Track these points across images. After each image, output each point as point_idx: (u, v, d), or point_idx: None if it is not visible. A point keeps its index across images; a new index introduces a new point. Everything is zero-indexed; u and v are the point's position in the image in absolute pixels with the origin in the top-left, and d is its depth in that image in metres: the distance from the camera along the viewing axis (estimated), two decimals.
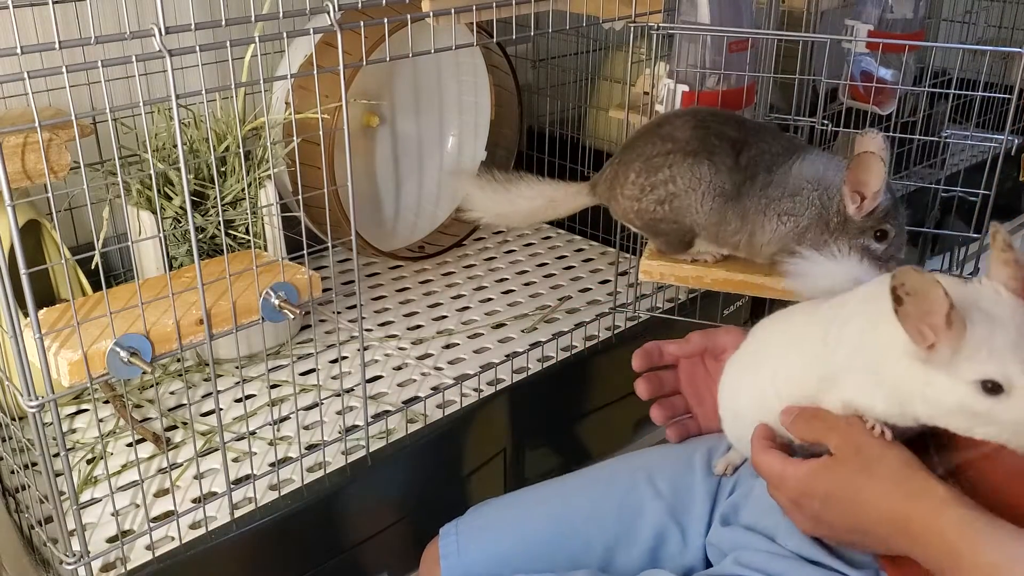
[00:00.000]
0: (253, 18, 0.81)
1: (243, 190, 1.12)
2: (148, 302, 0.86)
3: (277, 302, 0.90)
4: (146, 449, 1.03)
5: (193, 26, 0.75)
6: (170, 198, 1.10)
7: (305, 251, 0.90)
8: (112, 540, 0.90)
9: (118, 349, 0.81)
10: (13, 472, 0.98)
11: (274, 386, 1.15)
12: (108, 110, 0.74)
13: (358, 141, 1.49)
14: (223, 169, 1.13)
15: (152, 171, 0.85)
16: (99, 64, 0.71)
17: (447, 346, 1.26)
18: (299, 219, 1.17)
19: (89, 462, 1.01)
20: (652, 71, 1.20)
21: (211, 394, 1.05)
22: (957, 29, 1.89)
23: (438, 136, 1.59)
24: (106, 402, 1.10)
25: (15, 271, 0.72)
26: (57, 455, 0.86)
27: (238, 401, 1.11)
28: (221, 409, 1.01)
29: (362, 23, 0.90)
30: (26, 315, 0.76)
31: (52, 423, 0.79)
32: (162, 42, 0.74)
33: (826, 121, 1.20)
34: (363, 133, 1.49)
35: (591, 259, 1.52)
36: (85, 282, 1.12)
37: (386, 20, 0.91)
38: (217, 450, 0.97)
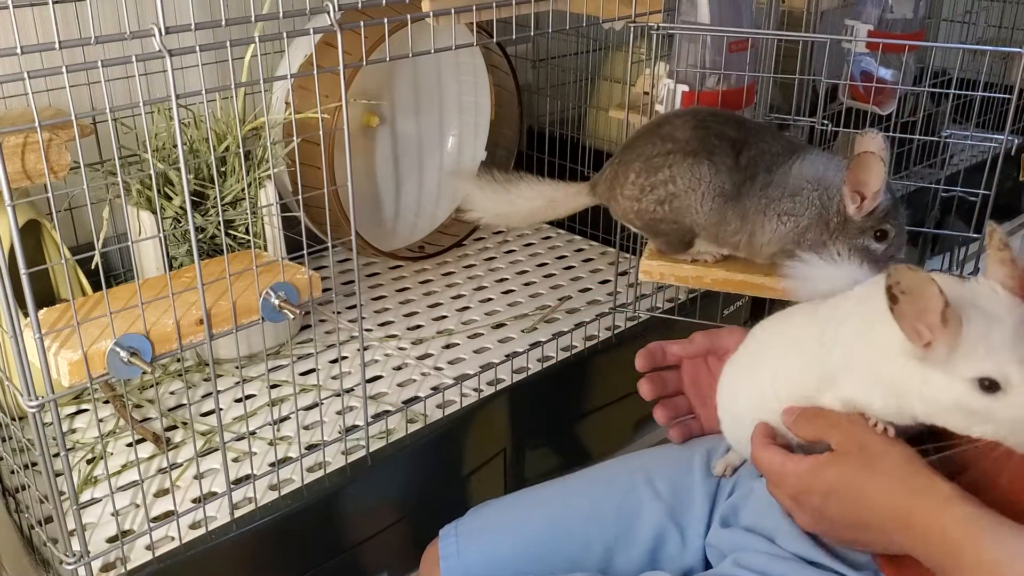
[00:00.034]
0: (253, 18, 0.81)
1: (243, 190, 1.12)
2: (148, 302, 0.86)
3: (277, 302, 0.90)
4: (146, 449, 1.03)
5: (193, 26, 0.75)
6: (170, 198, 1.10)
7: (305, 251, 0.90)
8: (112, 540, 0.90)
9: (118, 349, 0.81)
10: (13, 472, 0.98)
11: (274, 386, 1.15)
12: (108, 110, 0.74)
13: (358, 141, 1.49)
14: (223, 169, 1.13)
15: (152, 171, 0.85)
16: (99, 64, 0.71)
17: (447, 346, 1.26)
18: (299, 219, 1.16)
19: (89, 462, 1.01)
20: (652, 71, 1.20)
21: (211, 394, 1.05)
22: (957, 29, 1.89)
23: (438, 136, 1.59)
24: (106, 402, 1.10)
25: (15, 271, 0.72)
26: (57, 455, 0.86)
27: (238, 401, 1.11)
28: (221, 409, 1.01)
29: (362, 23, 0.90)
30: (26, 315, 0.76)
31: (52, 423, 0.79)
32: (162, 42, 0.74)
33: (826, 121, 1.20)
34: (363, 133, 1.49)
35: (591, 259, 1.52)
36: (85, 282, 1.12)
37: (386, 20, 0.91)
38: (217, 450, 0.97)
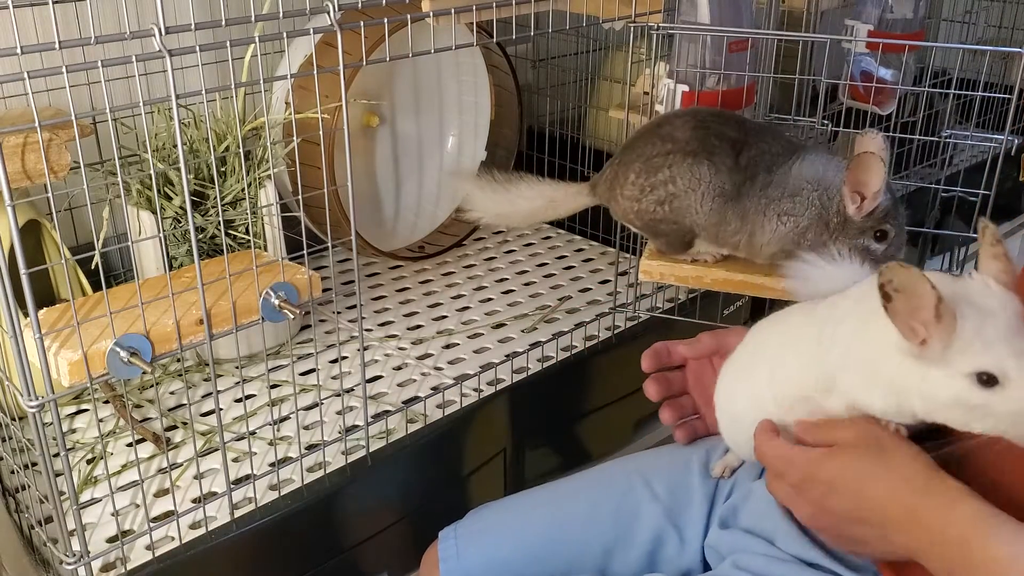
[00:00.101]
0: (253, 18, 0.81)
1: (243, 190, 1.12)
2: (148, 302, 0.86)
3: (277, 302, 0.90)
4: (146, 449, 1.03)
5: (193, 26, 0.75)
6: (170, 198, 1.10)
7: (305, 251, 0.90)
8: (112, 540, 0.90)
9: (118, 349, 0.81)
10: (13, 472, 0.98)
11: (274, 386, 1.15)
12: (108, 110, 0.74)
13: (358, 141, 1.49)
14: (223, 169, 1.13)
15: (152, 171, 0.85)
16: (99, 64, 0.71)
17: (447, 346, 1.26)
18: (299, 219, 1.16)
19: (89, 462, 1.01)
20: (652, 71, 1.20)
21: (211, 394, 1.05)
22: (957, 29, 1.89)
23: (438, 136, 1.59)
24: (106, 402, 1.10)
25: (15, 271, 0.72)
26: (57, 455, 0.86)
27: (238, 401, 1.11)
28: (221, 409, 1.01)
29: (362, 23, 0.90)
30: (26, 315, 0.76)
31: (52, 423, 0.79)
32: (162, 42, 0.74)
33: (826, 121, 1.20)
34: (363, 133, 1.49)
35: (591, 259, 1.52)
36: (85, 282, 1.12)
37: (386, 20, 0.91)
38: (217, 450, 0.97)
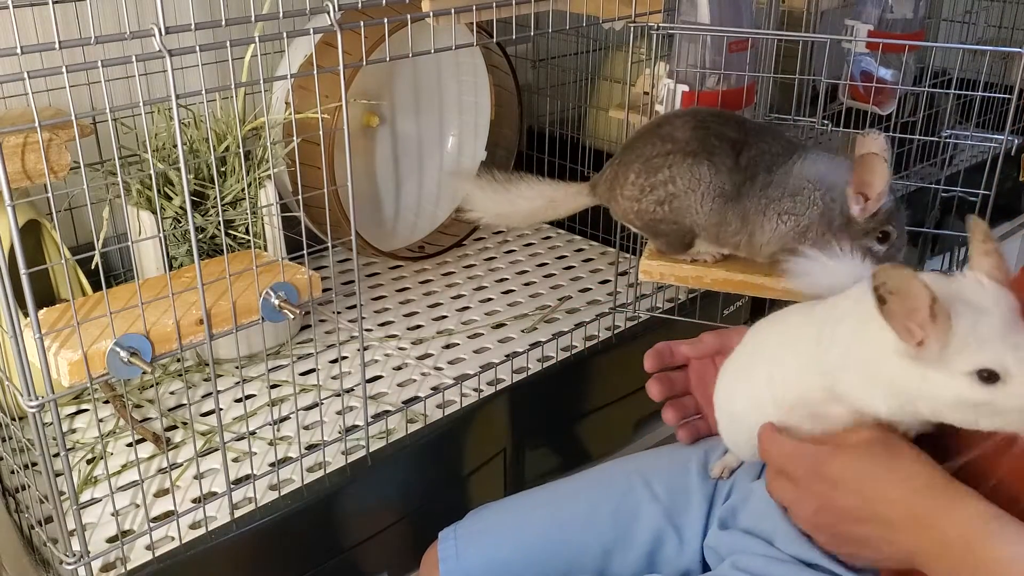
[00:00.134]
0: (253, 18, 0.81)
1: (243, 190, 1.12)
2: (148, 302, 0.86)
3: (277, 302, 0.90)
4: (146, 449, 1.03)
5: (193, 26, 0.75)
6: (170, 198, 1.10)
7: (305, 251, 0.90)
8: (112, 540, 0.90)
9: (118, 349, 0.81)
10: (13, 472, 0.98)
11: (274, 386, 1.15)
12: (108, 110, 0.74)
13: (358, 141, 1.49)
14: (223, 169, 1.13)
15: (152, 171, 0.85)
16: (99, 64, 0.71)
17: (447, 346, 1.26)
18: (299, 219, 1.16)
19: (89, 462, 1.01)
20: (652, 71, 1.19)
21: (211, 394, 1.05)
22: (957, 29, 1.89)
23: (438, 136, 1.59)
24: (106, 402, 1.10)
25: (15, 271, 0.72)
26: (57, 455, 0.86)
27: (238, 401, 1.11)
28: (221, 409, 1.01)
29: (362, 23, 0.90)
30: (26, 315, 0.76)
31: (52, 423, 0.79)
32: (162, 42, 0.74)
33: (826, 121, 1.20)
34: (363, 133, 1.49)
35: (591, 259, 1.52)
36: (85, 282, 1.12)
37: (386, 20, 0.91)
38: (217, 450, 0.97)
